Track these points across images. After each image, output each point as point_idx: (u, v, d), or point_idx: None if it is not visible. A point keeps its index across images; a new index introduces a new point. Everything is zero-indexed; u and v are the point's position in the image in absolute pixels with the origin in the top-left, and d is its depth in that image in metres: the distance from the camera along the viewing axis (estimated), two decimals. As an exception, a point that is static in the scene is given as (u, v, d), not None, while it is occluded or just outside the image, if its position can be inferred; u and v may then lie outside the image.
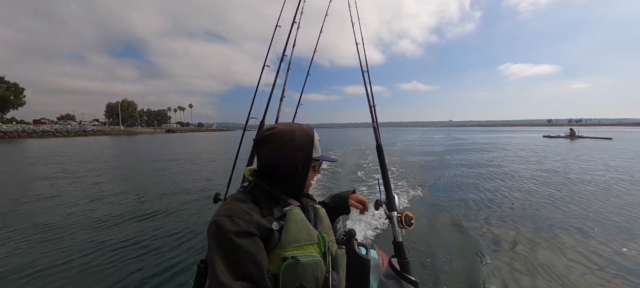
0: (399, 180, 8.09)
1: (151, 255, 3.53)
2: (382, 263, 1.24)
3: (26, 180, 8.58)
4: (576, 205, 5.38)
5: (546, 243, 3.77)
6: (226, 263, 0.61)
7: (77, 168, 11.01)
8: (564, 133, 28.34)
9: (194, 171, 10.53)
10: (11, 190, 7.17)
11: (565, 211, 5.08)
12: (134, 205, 5.75)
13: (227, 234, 0.64)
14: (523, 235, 4.02)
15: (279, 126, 0.82)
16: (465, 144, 24.46)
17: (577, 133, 26.80)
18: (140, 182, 8.50)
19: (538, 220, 4.64)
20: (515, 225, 4.41)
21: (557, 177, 8.25)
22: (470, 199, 6.01)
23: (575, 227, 4.30)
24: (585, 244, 3.73)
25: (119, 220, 4.79)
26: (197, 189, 7.33)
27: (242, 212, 0.69)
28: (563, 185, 7.24)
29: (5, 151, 20.32)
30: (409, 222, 0.85)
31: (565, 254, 3.45)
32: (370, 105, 1.29)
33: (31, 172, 10.03)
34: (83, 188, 7.42)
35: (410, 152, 17.17)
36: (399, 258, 0.83)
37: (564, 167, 10.23)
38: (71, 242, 3.88)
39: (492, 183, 7.64)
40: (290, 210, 0.76)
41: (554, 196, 6.12)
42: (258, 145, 0.83)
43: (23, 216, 5.06)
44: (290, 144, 0.79)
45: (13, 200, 6.13)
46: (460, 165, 11.40)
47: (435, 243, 3.77)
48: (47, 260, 3.37)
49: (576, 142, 22.40)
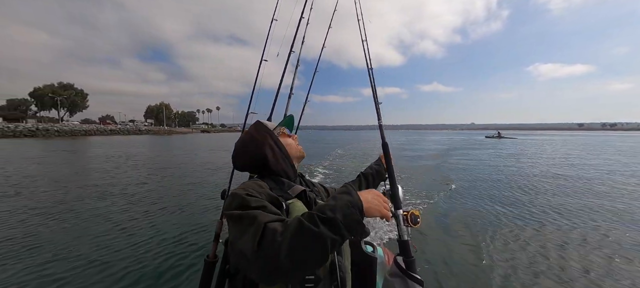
0: (404, 179, 8.32)
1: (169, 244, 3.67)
2: (387, 261, 1.19)
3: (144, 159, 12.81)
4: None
5: (552, 239, 3.90)
6: (249, 216, 0.62)
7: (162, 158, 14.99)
8: (496, 134, 42.73)
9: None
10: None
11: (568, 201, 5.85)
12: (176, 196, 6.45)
13: (244, 196, 0.68)
14: (528, 234, 4.06)
15: (236, 146, 0.93)
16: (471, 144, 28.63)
17: (501, 135, 42.03)
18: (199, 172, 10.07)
19: (544, 215, 4.89)
20: (521, 223, 4.50)
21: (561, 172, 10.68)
22: (477, 199, 6.12)
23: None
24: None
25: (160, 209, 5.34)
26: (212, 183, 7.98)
27: (255, 185, 0.76)
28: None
29: (96, 143, 26.94)
30: (415, 221, 0.82)
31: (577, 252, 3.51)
32: (376, 103, 1.32)
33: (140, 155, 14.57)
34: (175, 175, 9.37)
35: (415, 152, 18.67)
36: (405, 257, 0.82)
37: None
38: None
39: (500, 184, 7.81)
40: (292, 203, 0.78)
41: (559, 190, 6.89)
42: (237, 167, 0.95)
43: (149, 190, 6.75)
44: (254, 143, 0.90)
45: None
46: (467, 163, 12.17)
47: (441, 241, 3.78)
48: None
49: (502, 140, 34.39)
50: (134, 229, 4.27)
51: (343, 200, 0.64)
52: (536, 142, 33.09)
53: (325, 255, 0.57)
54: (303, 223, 0.58)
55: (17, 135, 39.08)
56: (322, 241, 0.56)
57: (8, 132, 38.98)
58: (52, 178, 8.39)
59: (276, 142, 0.93)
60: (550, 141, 35.13)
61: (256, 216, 0.61)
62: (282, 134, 1.01)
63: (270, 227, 0.58)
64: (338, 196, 0.66)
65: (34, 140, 33.38)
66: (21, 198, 6.12)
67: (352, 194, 0.66)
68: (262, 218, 0.60)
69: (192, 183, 7.93)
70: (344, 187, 0.71)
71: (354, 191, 0.68)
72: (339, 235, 0.59)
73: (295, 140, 1.04)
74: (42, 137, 40.23)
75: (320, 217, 0.59)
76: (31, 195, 6.31)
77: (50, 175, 9.11)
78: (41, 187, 7.20)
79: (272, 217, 0.62)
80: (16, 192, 6.62)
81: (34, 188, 7.10)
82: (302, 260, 0.56)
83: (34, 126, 44.58)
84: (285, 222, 0.61)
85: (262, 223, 0.59)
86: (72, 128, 49.77)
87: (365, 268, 0.80)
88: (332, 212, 0.60)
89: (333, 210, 0.60)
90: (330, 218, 0.59)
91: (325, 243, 0.56)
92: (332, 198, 0.66)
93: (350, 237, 0.63)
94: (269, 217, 0.62)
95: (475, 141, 34.62)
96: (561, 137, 48.87)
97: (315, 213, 0.60)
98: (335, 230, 0.58)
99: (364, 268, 0.80)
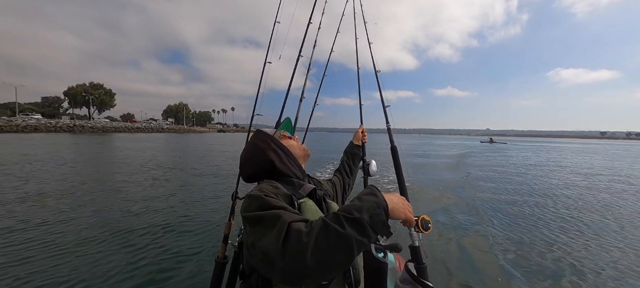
0: (415, 183, 8.40)
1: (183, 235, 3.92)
2: (398, 267, 1.19)
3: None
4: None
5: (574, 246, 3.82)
6: (271, 216, 0.63)
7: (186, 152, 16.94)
8: (489, 140, 50.41)
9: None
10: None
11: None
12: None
13: (263, 197, 0.69)
14: (542, 242, 4.00)
15: (242, 158, 0.98)
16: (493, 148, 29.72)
17: (493, 140, 50.18)
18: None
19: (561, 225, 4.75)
20: (534, 232, 4.42)
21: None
22: (488, 205, 6.06)
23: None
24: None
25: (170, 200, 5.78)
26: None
27: (270, 188, 0.77)
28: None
29: (127, 139, 29.68)
30: (426, 226, 0.78)
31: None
32: (384, 106, 1.31)
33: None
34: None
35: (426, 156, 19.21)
36: (416, 263, 0.80)
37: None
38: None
39: (512, 189, 7.80)
40: (303, 202, 0.80)
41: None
42: (246, 179, 0.99)
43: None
44: (258, 150, 0.94)
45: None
46: (482, 169, 12.28)
47: (452, 248, 3.72)
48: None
49: (494, 145, 39.88)
50: (147, 226, 4.31)
51: (369, 201, 0.63)
52: (525, 147, 35.70)
53: (351, 256, 0.56)
54: (328, 224, 0.57)
55: (57, 130, 43.02)
56: (348, 242, 0.55)
57: (51, 127, 42.90)
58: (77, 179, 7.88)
59: (279, 146, 0.96)
60: (543, 147, 37.34)
61: (280, 216, 0.61)
62: (283, 137, 1.05)
63: (295, 227, 0.58)
64: (363, 197, 0.65)
65: (72, 135, 36.64)
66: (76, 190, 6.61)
67: (378, 195, 0.66)
68: (286, 218, 0.60)
69: (203, 183, 7.96)
70: (368, 188, 0.69)
71: (379, 192, 0.67)
72: (366, 237, 0.58)
73: (296, 141, 1.08)
74: (79, 132, 43.88)
75: (346, 217, 0.58)
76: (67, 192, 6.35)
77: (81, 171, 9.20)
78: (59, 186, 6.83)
79: (296, 217, 0.62)
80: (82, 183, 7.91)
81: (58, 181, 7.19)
82: (328, 261, 0.54)
83: (71, 122, 48.55)
84: (309, 222, 0.60)
85: (286, 223, 0.59)
86: (103, 125, 53.89)
87: (376, 273, 0.78)
88: (358, 213, 0.59)
89: (359, 211, 0.59)
90: (357, 218, 0.58)
91: (351, 244, 0.56)
92: (357, 199, 0.65)
93: (376, 239, 0.62)
94: (293, 216, 0.62)
95: (473, 146, 37.40)
96: (562, 145, 51.55)
97: (340, 214, 0.59)
98: (362, 231, 0.57)
99: (374, 274, 0.78)
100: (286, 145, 0.99)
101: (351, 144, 1.51)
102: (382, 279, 0.77)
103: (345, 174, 1.38)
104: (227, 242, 1.15)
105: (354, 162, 1.45)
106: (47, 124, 43.41)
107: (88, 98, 67.80)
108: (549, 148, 34.19)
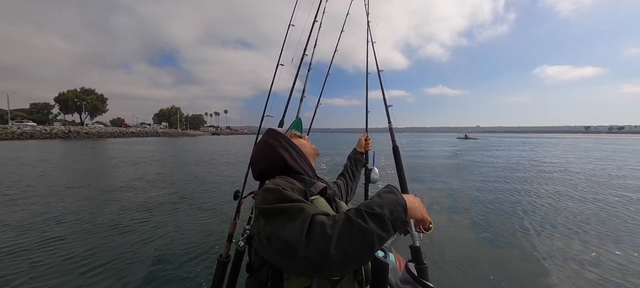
0: (415, 183, 8.38)
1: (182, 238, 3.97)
2: (399, 267, 1.20)
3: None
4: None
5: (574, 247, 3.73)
6: (293, 208, 0.64)
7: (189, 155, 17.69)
8: (464, 136, 56.41)
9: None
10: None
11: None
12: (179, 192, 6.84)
13: (281, 190, 0.70)
14: (549, 241, 3.93)
15: (253, 155, 1.02)
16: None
17: (467, 136, 56.39)
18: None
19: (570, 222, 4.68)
20: (537, 230, 4.38)
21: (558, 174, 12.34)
22: (489, 203, 6.03)
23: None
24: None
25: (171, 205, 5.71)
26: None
27: (285, 183, 0.78)
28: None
29: (122, 144, 29.78)
30: (427, 227, 0.79)
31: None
32: (386, 106, 1.32)
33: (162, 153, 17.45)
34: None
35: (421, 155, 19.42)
36: (416, 263, 0.82)
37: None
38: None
39: (516, 187, 7.77)
40: (316, 199, 0.82)
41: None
42: (257, 176, 1.03)
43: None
44: (270, 147, 0.97)
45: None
46: (482, 166, 12.42)
47: (453, 248, 3.71)
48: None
49: (468, 141, 44.62)
50: (146, 227, 4.42)
51: (389, 199, 0.66)
52: (495, 143, 38.41)
53: (372, 250, 0.58)
54: (351, 218, 0.59)
55: (53, 137, 43.26)
56: (370, 236, 0.57)
57: (46, 134, 43.16)
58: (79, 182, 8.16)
59: (290, 143, 0.99)
60: (513, 143, 39.11)
61: (303, 208, 0.63)
62: (294, 136, 1.08)
63: (319, 220, 0.59)
64: (383, 195, 0.68)
65: (67, 141, 36.71)
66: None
67: (397, 194, 0.69)
68: (309, 210, 0.62)
69: (204, 185, 8.08)
70: (387, 187, 0.72)
71: (398, 191, 0.70)
72: (386, 232, 0.60)
73: (307, 140, 1.11)
74: (74, 138, 44.21)
75: (369, 213, 0.60)
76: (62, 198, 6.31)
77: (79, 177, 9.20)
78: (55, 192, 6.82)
79: (318, 210, 0.64)
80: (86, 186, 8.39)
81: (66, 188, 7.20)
82: (350, 254, 0.56)
83: (66, 129, 48.78)
84: (332, 215, 0.62)
85: (309, 215, 0.60)
86: (98, 130, 54.21)
87: (377, 273, 0.78)
88: (380, 208, 0.61)
89: (381, 207, 0.62)
90: (379, 214, 0.60)
91: (373, 238, 0.58)
92: (377, 196, 0.68)
93: (394, 235, 0.64)
94: (315, 209, 0.64)
95: (449, 142, 40.79)
96: (535, 139, 54.31)
97: (363, 210, 0.61)
98: (383, 226, 0.60)
99: (375, 274, 0.78)
100: (297, 144, 1.02)
101: (355, 150, 1.57)
102: (384, 279, 0.78)
103: (349, 178, 1.44)
104: (232, 241, 1.14)
105: (357, 168, 1.51)
106: (42, 131, 43.56)
107: (80, 103, 67.61)
108: (517, 144, 35.93)
